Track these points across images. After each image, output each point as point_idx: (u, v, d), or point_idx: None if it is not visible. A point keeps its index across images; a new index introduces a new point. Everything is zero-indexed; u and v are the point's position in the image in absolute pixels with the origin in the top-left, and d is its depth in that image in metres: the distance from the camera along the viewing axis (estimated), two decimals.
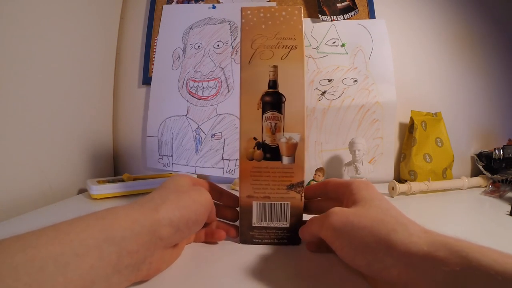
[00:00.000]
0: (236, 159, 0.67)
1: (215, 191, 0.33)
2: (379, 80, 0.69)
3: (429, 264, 0.17)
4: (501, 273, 0.14)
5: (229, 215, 0.33)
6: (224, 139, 0.68)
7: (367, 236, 0.20)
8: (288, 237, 0.31)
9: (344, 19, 0.71)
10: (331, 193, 0.29)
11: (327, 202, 0.30)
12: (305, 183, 0.54)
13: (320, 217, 0.25)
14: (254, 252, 0.29)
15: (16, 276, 0.14)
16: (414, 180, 0.62)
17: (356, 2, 0.71)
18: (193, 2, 0.73)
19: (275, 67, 0.30)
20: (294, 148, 0.30)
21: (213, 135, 0.69)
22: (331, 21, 0.71)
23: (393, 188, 0.51)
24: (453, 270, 0.15)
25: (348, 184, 0.27)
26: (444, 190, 0.56)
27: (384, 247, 0.19)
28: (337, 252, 0.23)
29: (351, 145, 0.57)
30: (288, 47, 0.30)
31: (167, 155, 0.70)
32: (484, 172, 0.64)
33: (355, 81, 0.69)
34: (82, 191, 0.57)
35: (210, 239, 0.30)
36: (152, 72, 0.72)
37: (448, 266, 0.16)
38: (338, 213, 0.23)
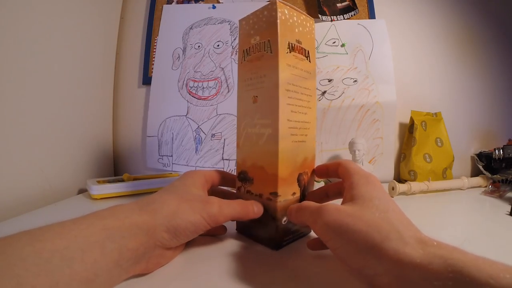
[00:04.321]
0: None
1: (218, 192, 0.33)
2: (379, 80, 0.69)
3: (420, 277, 0.16)
4: None
5: None
6: (224, 139, 0.68)
7: (360, 241, 0.19)
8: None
9: (344, 19, 0.71)
10: (340, 177, 0.28)
11: (327, 194, 0.30)
12: None
13: (314, 210, 0.24)
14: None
15: (25, 266, 0.15)
16: (414, 180, 0.62)
17: (356, 2, 0.71)
18: (193, 2, 0.73)
19: None
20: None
21: (213, 135, 0.69)
22: (331, 21, 0.71)
23: (393, 188, 0.51)
24: (445, 284, 0.15)
25: (350, 175, 0.26)
26: (444, 190, 0.56)
27: (376, 255, 0.18)
28: (331, 250, 0.22)
29: (351, 145, 0.57)
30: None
31: (167, 155, 0.70)
32: (484, 172, 0.64)
33: (355, 81, 0.69)
34: (82, 191, 0.57)
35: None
36: (152, 72, 0.72)
37: (440, 280, 0.15)
38: (333, 212, 0.22)
